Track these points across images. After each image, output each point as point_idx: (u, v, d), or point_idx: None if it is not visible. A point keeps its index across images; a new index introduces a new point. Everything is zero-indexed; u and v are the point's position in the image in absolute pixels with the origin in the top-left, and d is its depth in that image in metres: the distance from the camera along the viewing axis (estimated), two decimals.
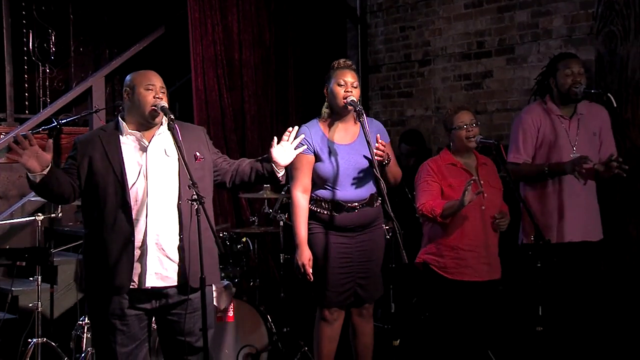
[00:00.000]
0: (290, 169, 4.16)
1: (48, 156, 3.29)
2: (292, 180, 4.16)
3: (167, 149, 3.50)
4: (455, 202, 4.14)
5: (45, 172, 3.30)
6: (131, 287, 3.42)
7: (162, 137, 3.52)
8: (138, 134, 3.49)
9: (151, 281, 3.43)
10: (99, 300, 3.46)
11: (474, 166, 4.39)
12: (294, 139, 3.68)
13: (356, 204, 4.14)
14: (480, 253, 4.30)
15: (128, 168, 3.43)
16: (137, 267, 3.42)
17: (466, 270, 4.30)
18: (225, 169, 3.69)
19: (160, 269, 3.45)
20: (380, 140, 3.99)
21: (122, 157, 3.44)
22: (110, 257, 3.39)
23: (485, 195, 4.29)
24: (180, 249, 3.46)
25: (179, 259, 3.46)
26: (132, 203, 3.41)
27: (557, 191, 4.43)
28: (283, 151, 3.64)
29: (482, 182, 4.32)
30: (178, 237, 3.46)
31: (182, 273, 3.46)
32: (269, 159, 3.64)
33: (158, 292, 3.47)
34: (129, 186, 3.42)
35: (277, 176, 3.64)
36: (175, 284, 3.47)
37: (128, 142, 3.49)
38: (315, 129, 4.16)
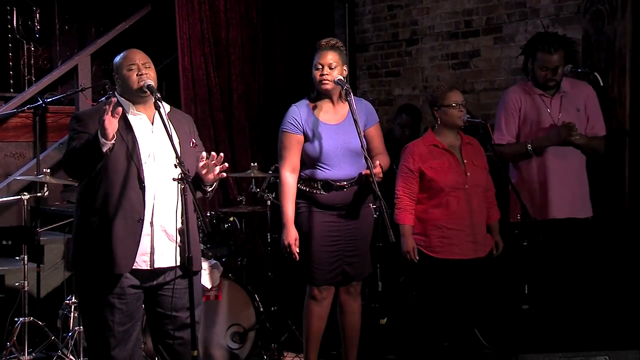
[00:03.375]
0: (279, 148, 4.19)
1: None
2: (281, 160, 4.17)
3: (170, 132, 3.49)
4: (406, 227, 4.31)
5: (113, 142, 3.26)
6: (140, 268, 3.43)
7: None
8: (142, 114, 3.50)
9: (159, 262, 3.46)
10: (98, 280, 3.44)
11: (457, 146, 4.40)
12: (219, 164, 3.45)
13: (345, 183, 4.15)
14: (465, 231, 4.32)
15: (141, 147, 3.43)
16: (146, 247, 3.43)
17: (452, 249, 4.32)
18: None
19: (165, 250, 3.47)
20: (366, 170, 3.92)
21: (135, 135, 3.44)
22: (115, 236, 3.38)
23: (469, 174, 4.32)
24: (178, 229, 3.48)
25: (177, 239, 3.49)
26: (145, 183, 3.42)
27: (541, 168, 4.46)
28: (208, 169, 3.48)
29: (465, 161, 4.35)
30: (176, 218, 3.48)
31: (179, 253, 3.48)
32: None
33: (159, 272, 3.49)
34: (143, 166, 3.41)
35: (201, 186, 3.50)
36: (174, 264, 3.49)
37: (135, 122, 3.49)
38: (303, 109, 4.17)
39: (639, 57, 4.96)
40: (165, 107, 3.52)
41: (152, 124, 3.51)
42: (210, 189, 3.56)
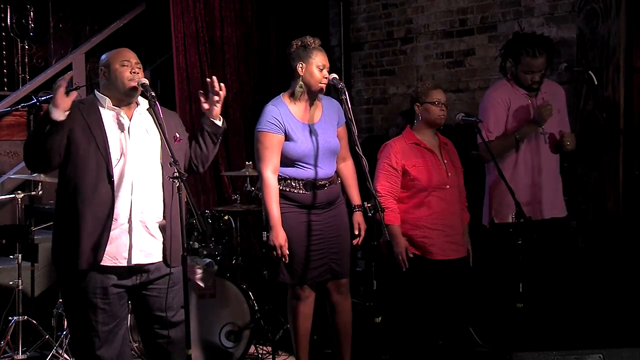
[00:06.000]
0: (258, 149, 4.14)
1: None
2: (261, 161, 4.12)
3: (149, 129, 3.50)
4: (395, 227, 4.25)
5: (66, 115, 3.25)
6: (118, 264, 3.41)
7: (143, 117, 3.52)
8: (119, 110, 3.48)
9: (137, 258, 3.43)
10: (77, 278, 3.41)
11: (437, 145, 4.40)
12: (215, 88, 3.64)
13: (325, 181, 4.17)
14: (446, 232, 4.31)
15: (111, 143, 3.41)
16: (124, 244, 3.41)
17: (432, 249, 4.30)
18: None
19: (145, 246, 3.45)
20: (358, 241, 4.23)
21: (105, 131, 3.42)
22: (86, 231, 3.35)
23: (449, 174, 4.32)
24: (162, 226, 3.46)
25: (161, 236, 3.47)
26: (115, 178, 3.40)
27: (528, 169, 4.48)
28: (211, 103, 3.65)
29: (445, 161, 4.35)
30: (161, 215, 3.47)
31: (164, 250, 3.47)
32: (204, 116, 3.65)
33: (140, 269, 3.47)
34: (112, 161, 3.40)
35: (218, 126, 3.65)
36: (158, 260, 3.48)
37: (108, 117, 3.47)
38: (283, 108, 4.15)
39: (633, 56, 4.97)
40: (144, 104, 3.52)
41: (130, 120, 3.49)
42: (220, 126, 3.63)
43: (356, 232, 4.22)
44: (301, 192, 4.14)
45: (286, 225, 4.10)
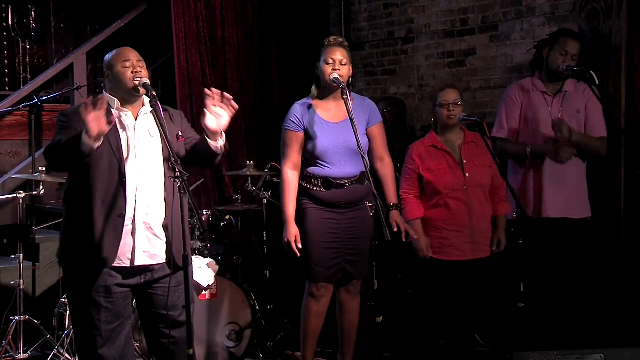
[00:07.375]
0: (281, 145, 4.20)
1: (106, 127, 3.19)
2: (282, 157, 4.19)
3: (151, 130, 3.51)
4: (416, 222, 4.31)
5: (98, 143, 3.21)
6: (121, 265, 3.41)
7: (147, 118, 3.53)
8: (127, 111, 3.49)
9: (140, 259, 3.45)
10: (83, 276, 3.43)
11: (458, 144, 4.40)
12: (222, 101, 3.51)
13: (345, 180, 4.16)
14: (464, 232, 4.32)
15: (122, 143, 3.43)
16: (128, 244, 3.42)
17: (450, 250, 4.32)
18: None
19: (148, 247, 3.46)
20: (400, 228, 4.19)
21: (117, 131, 3.43)
22: (97, 230, 3.36)
23: (468, 175, 4.31)
24: (165, 226, 3.47)
25: (165, 237, 3.48)
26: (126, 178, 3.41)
27: (538, 166, 4.47)
28: (214, 117, 3.50)
29: (464, 161, 4.34)
30: (163, 216, 3.48)
31: (168, 250, 3.48)
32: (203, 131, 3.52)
33: (145, 269, 3.48)
34: (124, 161, 3.41)
35: (210, 144, 3.49)
36: (162, 261, 3.49)
37: (117, 118, 3.47)
38: (305, 107, 4.19)
39: (635, 56, 4.97)
40: (148, 105, 3.52)
41: (136, 120, 3.50)
42: (220, 143, 3.50)
43: (395, 230, 4.16)
44: (320, 190, 4.16)
45: (304, 222, 4.15)
